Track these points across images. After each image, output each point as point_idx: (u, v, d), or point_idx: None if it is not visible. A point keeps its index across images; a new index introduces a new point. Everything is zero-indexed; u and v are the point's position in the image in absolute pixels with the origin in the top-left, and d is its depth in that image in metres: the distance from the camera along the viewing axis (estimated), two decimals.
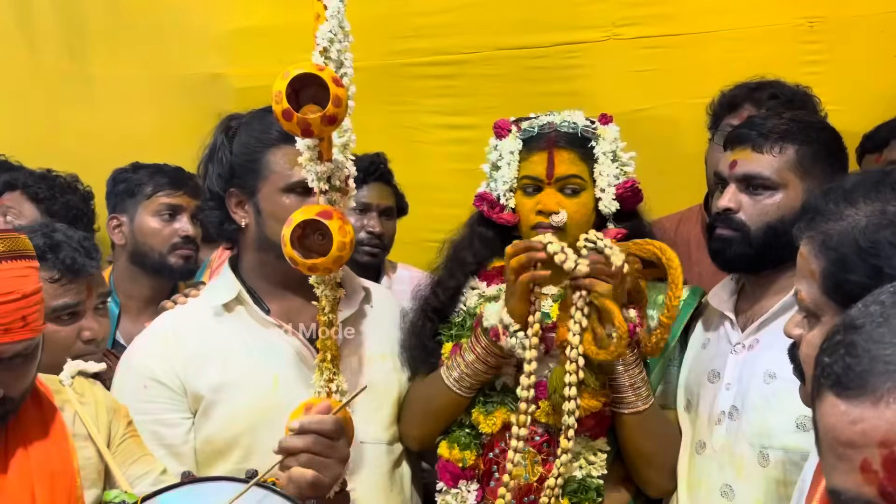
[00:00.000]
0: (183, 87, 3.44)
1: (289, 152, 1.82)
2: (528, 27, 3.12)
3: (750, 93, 2.40)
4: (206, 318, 1.92)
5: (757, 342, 1.84)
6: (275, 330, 1.90)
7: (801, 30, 2.89)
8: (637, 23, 3.01)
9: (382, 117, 3.13)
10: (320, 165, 1.69)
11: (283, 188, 1.84)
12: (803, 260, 1.23)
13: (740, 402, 1.81)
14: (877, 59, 2.81)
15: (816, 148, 1.81)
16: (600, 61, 3.04)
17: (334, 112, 1.59)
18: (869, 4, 2.83)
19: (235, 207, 1.90)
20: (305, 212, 1.65)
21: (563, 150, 1.88)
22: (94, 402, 1.64)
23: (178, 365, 1.84)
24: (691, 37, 2.97)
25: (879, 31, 2.82)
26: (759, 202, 1.81)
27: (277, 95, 1.58)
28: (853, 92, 2.61)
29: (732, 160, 1.85)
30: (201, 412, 1.84)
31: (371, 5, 3.02)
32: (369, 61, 3.11)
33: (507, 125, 1.97)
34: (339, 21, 1.66)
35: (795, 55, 2.85)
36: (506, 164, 1.93)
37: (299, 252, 1.65)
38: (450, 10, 3.17)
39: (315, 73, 1.59)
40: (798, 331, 1.26)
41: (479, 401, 1.90)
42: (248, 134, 1.88)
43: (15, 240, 1.45)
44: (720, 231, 1.86)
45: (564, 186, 1.88)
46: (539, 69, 3.09)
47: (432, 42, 3.21)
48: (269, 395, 1.85)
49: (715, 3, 2.96)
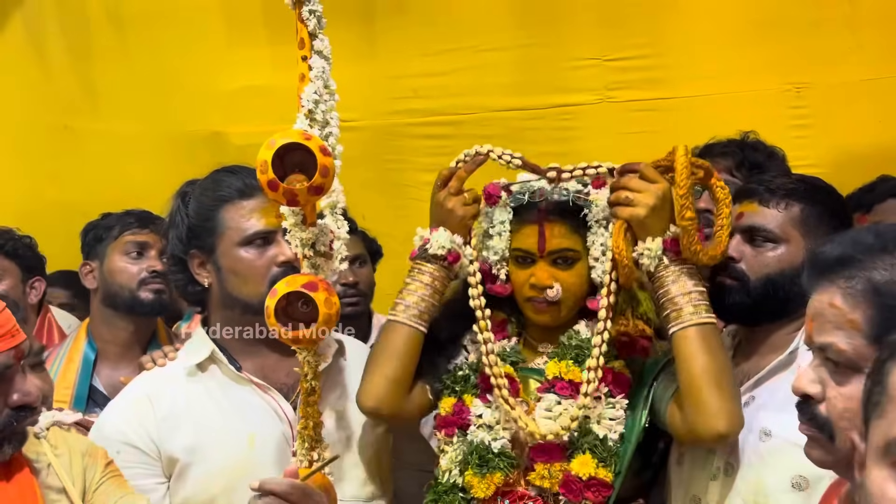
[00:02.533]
0: (184, 144, 3.49)
1: (242, 206, 1.85)
2: (522, 90, 3.19)
3: (705, 151, 2.49)
4: (180, 379, 1.90)
5: (753, 399, 1.84)
6: (249, 387, 1.88)
7: (789, 95, 2.98)
8: (629, 87, 3.10)
9: (379, 174, 3.19)
10: (304, 232, 1.66)
11: (239, 242, 1.85)
12: (837, 312, 1.17)
13: (735, 458, 1.81)
14: (860, 123, 2.89)
15: (821, 209, 1.84)
16: (593, 123, 3.11)
17: (321, 182, 1.54)
18: (853, 72, 2.91)
19: (198, 269, 1.90)
20: (290, 283, 1.61)
21: (555, 223, 1.83)
22: (69, 452, 1.61)
23: (151, 428, 1.83)
24: (682, 100, 3.05)
25: (863, 98, 2.90)
26: (761, 254, 1.83)
27: (263, 165, 1.52)
28: (838, 154, 2.68)
29: (739, 212, 1.87)
30: (176, 475, 1.82)
31: (370, 67, 3.09)
32: (367, 121, 3.18)
33: (497, 191, 1.89)
34: (324, 82, 1.65)
35: (782, 119, 2.93)
36: (497, 234, 1.88)
37: (282, 321, 1.61)
38: (446, 72, 3.24)
39: (302, 142, 1.54)
40: (815, 388, 1.20)
41: (474, 463, 1.82)
42: (201, 194, 1.90)
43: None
44: (721, 279, 1.87)
45: (557, 259, 1.84)
46: (532, 130, 3.15)
47: (428, 103, 3.27)
48: (245, 455, 1.83)
49: (705, 68, 3.04)
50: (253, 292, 1.83)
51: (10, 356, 1.45)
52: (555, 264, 1.83)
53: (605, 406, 1.80)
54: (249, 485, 1.56)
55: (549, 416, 1.81)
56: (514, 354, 1.91)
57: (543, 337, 1.93)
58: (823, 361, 1.20)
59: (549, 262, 1.83)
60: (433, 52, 3.23)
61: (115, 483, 1.65)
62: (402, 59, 3.24)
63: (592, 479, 1.77)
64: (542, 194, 1.85)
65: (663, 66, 3.08)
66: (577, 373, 1.82)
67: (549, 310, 1.85)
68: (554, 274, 1.83)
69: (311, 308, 1.60)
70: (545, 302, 1.83)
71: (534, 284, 1.83)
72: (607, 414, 1.80)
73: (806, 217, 1.82)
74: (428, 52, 3.23)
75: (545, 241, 1.83)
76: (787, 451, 1.70)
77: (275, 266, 1.84)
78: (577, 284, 1.84)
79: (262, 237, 1.84)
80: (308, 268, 1.68)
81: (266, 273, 1.84)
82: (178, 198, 1.95)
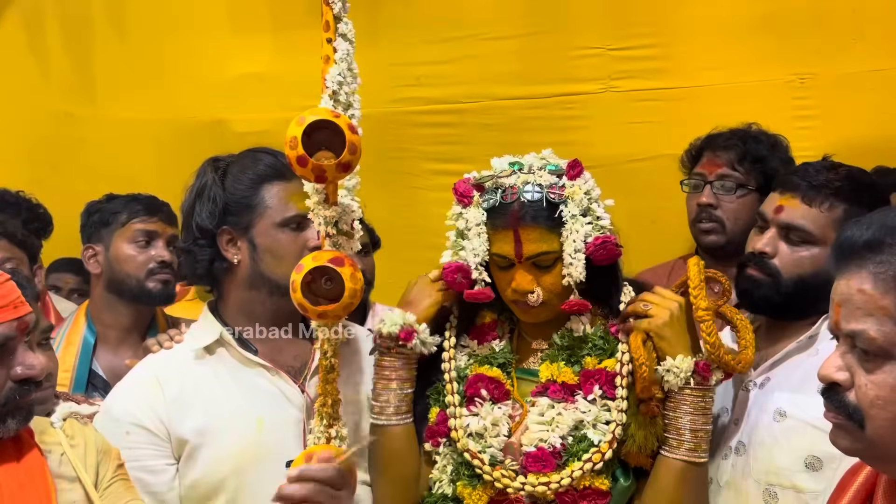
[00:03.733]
0: (185, 131, 3.48)
1: (283, 188, 1.86)
2: (525, 79, 3.18)
3: (707, 142, 2.51)
4: (188, 361, 1.90)
5: (768, 380, 1.85)
6: (258, 370, 1.89)
7: (793, 86, 2.96)
8: (633, 76, 3.08)
9: (381, 163, 3.17)
10: (328, 210, 1.67)
11: (279, 223, 1.86)
12: (868, 298, 1.14)
13: (747, 438, 1.81)
14: (864, 114, 2.88)
15: (865, 211, 1.75)
16: (596, 113, 3.10)
17: (349, 159, 1.56)
18: (857, 62, 2.90)
19: (227, 245, 1.90)
20: (317, 258, 1.62)
21: (529, 227, 1.75)
22: (84, 444, 1.61)
23: (161, 410, 1.83)
24: (685, 90, 3.04)
25: (867, 88, 2.89)
26: (797, 253, 1.81)
27: (293, 141, 1.53)
28: (841, 145, 2.66)
29: (779, 205, 1.84)
30: (185, 457, 1.82)
31: (373, 55, 3.06)
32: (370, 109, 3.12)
33: (468, 192, 1.82)
34: (348, 64, 1.66)
35: (786, 110, 2.91)
36: (475, 235, 1.80)
37: (307, 297, 1.62)
38: (449, 60, 3.23)
39: (331, 119, 1.56)
40: (843, 375, 1.18)
41: (464, 475, 1.79)
42: (240, 171, 1.90)
43: None
44: (751, 272, 1.86)
45: (535, 263, 1.77)
46: (535, 119, 3.15)
47: (431, 91, 3.26)
48: (254, 438, 1.83)
49: (709, 58, 3.03)
50: (285, 273, 1.81)
51: (12, 327, 1.44)
52: (535, 267, 1.78)
53: (601, 409, 1.77)
54: (287, 473, 1.55)
55: (542, 423, 1.78)
56: (502, 356, 1.87)
57: (537, 333, 1.90)
58: (851, 349, 1.17)
59: (528, 267, 1.78)
60: (437, 40, 3.22)
61: (125, 486, 1.65)
62: (405, 47, 3.23)
63: (587, 489, 1.74)
64: (514, 193, 1.77)
65: (667, 56, 3.06)
66: (570, 375, 1.80)
67: (533, 311, 1.82)
68: (535, 277, 1.78)
69: (334, 285, 1.60)
70: (527, 305, 1.79)
71: (515, 289, 1.79)
72: (603, 417, 1.77)
73: (847, 219, 1.75)
74: (431, 40, 3.22)
75: (521, 247, 1.76)
76: (801, 432, 1.71)
77: (306, 250, 1.84)
78: (559, 284, 1.78)
79: (301, 220, 1.85)
80: (330, 246, 1.69)
81: (299, 255, 1.81)
82: (211, 171, 1.92)
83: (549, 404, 1.79)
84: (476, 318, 1.94)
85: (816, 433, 1.66)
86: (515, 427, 1.82)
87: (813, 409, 1.71)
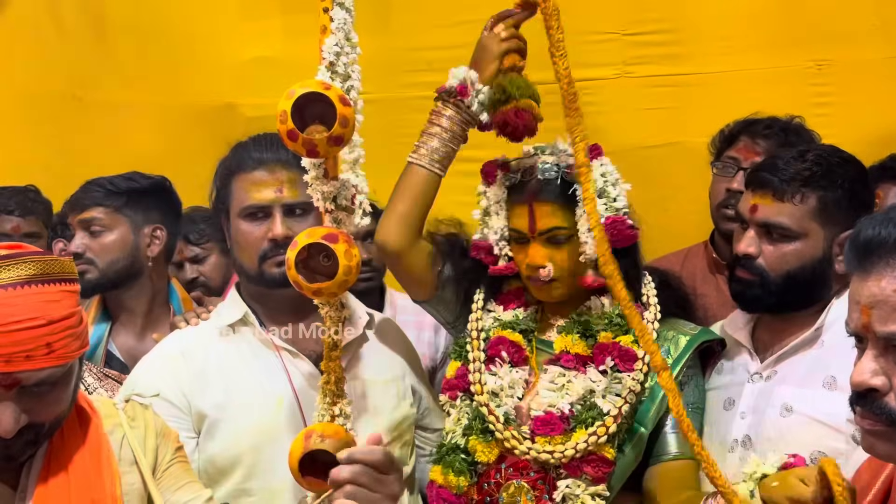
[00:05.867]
0: (195, 116, 3.47)
1: (245, 179, 1.88)
2: (538, 63, 3.12)
3: (746, 126, 2.45)
4: (213, 338, 1.94)
5: (775, 373, 1.84)
6: (280, 353, 1.91)
7: (810, 72, 2.93)
8: (648, 62, 3.05)
9: (390, 149, 3.12)
10: (325, 185, 1.66)
11: (239, 213, 1.89)
12: (887, 295, 1.12)
13: (754, 432, 1.80)
14: (882, 101, 2.84)
15: (839, 193, 1.79)
16: (610, 99, 3.06)
17: (341, 132, 1.54)
18: (875, 49, 2.87)
19: (226, 234, 1.97)
20: (311, 234, 1.61)
21: (544, 202, 1.83)
22: (144, 426, 1.61)
23: (184, 383, 1.85)
24: (701, 77, 3.01)
25: (885, 75, 2.85)
26: (780, 249, 1.80)
27: (283, 115, 1.52)
28: (859, 132, 2.63)
29: (753, 204, 1.83)
30: (205, 431, 1.84)
31: (382, 39, 3.04)
32: (379, 94, 3.13)
33: (493, 170, 1.93)
34: (345, 33, 1.64)
35: (803, 97, 2.88)
36: (495, 213, 1.90)
37: (304, 275, 1.61)
38: (460, 45, 3.16)
39: (321, 91, 1.54)
40: (880, 380, 1.13)
41: (477, 429, 1.85)
42: (223, 164, 1.95)
43: (50, 262, 1.39)
44: (740, 274, 1.85)
45: (549, 238, 1.84)
46: (549, 105, 3.08)
47: (442, 76, 3.21)
48: (273, 416, 1.86)
49: (725, 44, 2.99)
50: (248, 262, 1.89)
51: None
52: (548, 243, 1.83)
53: (612, 381, 1.80)
54: (338, 456, 1.52)
55: (552, 389, 1.82)
56: (525, 322, 1.92)
57: (556, 310, 1.94)
58: (884, 351, 1.13)
59: (542, 242, 1.83)
60: (449, 24, 3.17)
61: (183, 468, 1.64)
62: (417, 32, 3.20)
63: (593, 455, 1.77)
64: (532, 172, 1.86)
65: (683, 42, 3.03)
66: (582, 346, 1.83)
67: (545, 288, 1.86)
68: (548, 254, 1.83)
69: (331, 262, 1.59)
70: (540, 280, 1.84)
71: (528, 265, 1.84)
72: (613, 389, 1.80)
73: (824, 206, 1.78)
74: (443, 25, 3.18)
75: (535, 222, 1.84)
76: (808, 427, 1.71)
77: (266, 241, 1.85)
78: (571, 262, 1.83)
79: (260, 210, 1.86)
80: (330, 222, 1.69)
81: (259, 247, 1.86)
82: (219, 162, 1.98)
83: (560, 372, 1.83)
84: (504, 286, 1.99)
85: (823, 429, 1.68)
86: (527, 393, 1.86)
87: (819, 405, 1.72)
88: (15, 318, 1.32)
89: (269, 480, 1.82)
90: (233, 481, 1.82)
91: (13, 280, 1.34)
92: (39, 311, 1.34)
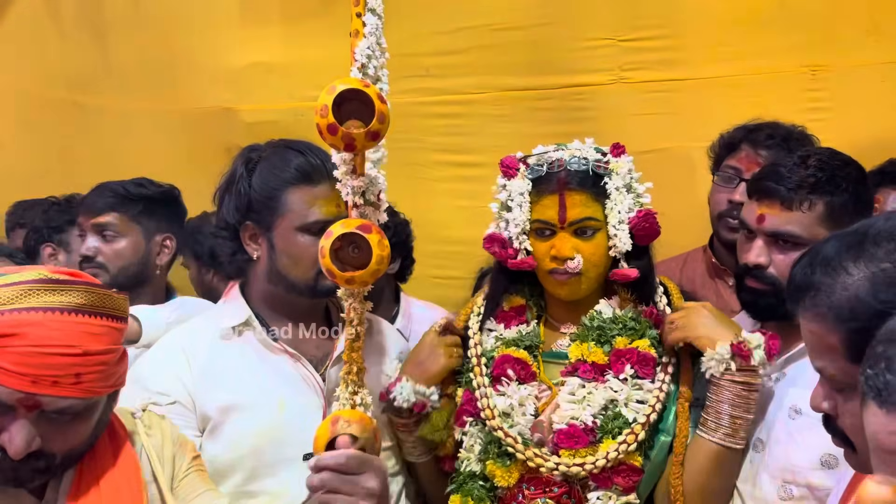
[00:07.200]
0: (193, 121, 3.49)
1: (307, 192, 1.87)
2: (535, 69, 3.16)
3: (747, 133, 2.43)
4: (215, 339, 1.93)
5: (784, 376, 1.85)
6: (282, 356, 1.91)
7: (804, 77, 2.94)
8: (643, 67, 3.07)
9: (391, 153, 3.13)
10: (356, 180, 1.66)
11: (299, 227, 1.87)
12: (817, 337, 1.18)
13: (765, 434, 1.81)
14: (876, 106, 2.85)
15: (845, 197, 1.79)
16: (606, 104, 3.08)
17: (378, 128, 1.56)
18: (870, 54, 2.88)
19: (249, 240, 1.93)
20: (346, 224, 1.61)
21: (575, 192, 1.81)
22: (161, 435, 1.61)
23: (188, 381, 1.85)
24: (697, 82, 3.02)
25: (880, 81, 2.87)
26: (790, 258, 1.78)
27: (324, 109, 1.53)
28: (853, 137, 2.65)
29: (760, 214, 1.83)
30: (207, 432, 1.84)
31: None
32: None
33: (514, 164, 1.89)
34: (377, 38, 1.67)
35: (798, 102, 2.89)
36: (517, 206, 1.85)
37: (336, 264, 1.62)
38: (459, 51, 3.22)
39: (361, 88, 1.56)
40: (827, 404, 1.21)
41: (494, 453, 1.82)
42: (268, 170, 1.90)
43: (102, 296, 1.39)
44: (751, 284, 1.85)
45: (578, 229, 1.82)
46: (545, 110, 3.13)
47: (441, 82, 3.25)
48: (275, 419, 1.86)
49: (720, 50, 3.00)
50: (302, 276, 1.88)
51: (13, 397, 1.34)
52: (576, 235, 1.82)
53: (632, 388, 1.79)
54: (308, 465, 1.57)
55: (573, 401, 1.80)
56: (529, 339, 1.90)
57: (566, 317, 1.92)
58: (825, 381, 1.21)
59: (571, 233, 1.82)
60: (446, 31, 3.20)
61: (200, 477, 1.64)
62: (415, 37, 3.20)
63: (622, 464, 1.76)
64: (560, 164, 1.84)
65: (678, 47, 3.04)
66: (600, 355, 1.82)
67: (570, 282, 1.83)
68: (576, 245, 1.81)
69: (361, 252, 1.60)
70: (566, 273, 1.81)
71: (555, 256, 1.82)
72: (634, 396, 1.79)
73: (831, 211, 1.78)
74: (441, 31, 3.21)
75: (566, 211, 1.81)
76: (817, 429, 1.68)
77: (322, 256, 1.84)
78: (598, 255, 1.82)
79: (322, 226, 1.82)
80: (358, 216, 1.68)
81: (316, 260, 1.80)
82: (242, 164, 1.94)
83: (580, 384, 1.81)
84: (503, 303, 1.97)
85: None
86: (542, 408, 1.84)
87: None
88: (52, 341, 1.32)
89: (269, 483, 1.83)
90: (233, 483, 1.83)
91: (61, 305, 1.34)
92: (77, 341, 1.34)
